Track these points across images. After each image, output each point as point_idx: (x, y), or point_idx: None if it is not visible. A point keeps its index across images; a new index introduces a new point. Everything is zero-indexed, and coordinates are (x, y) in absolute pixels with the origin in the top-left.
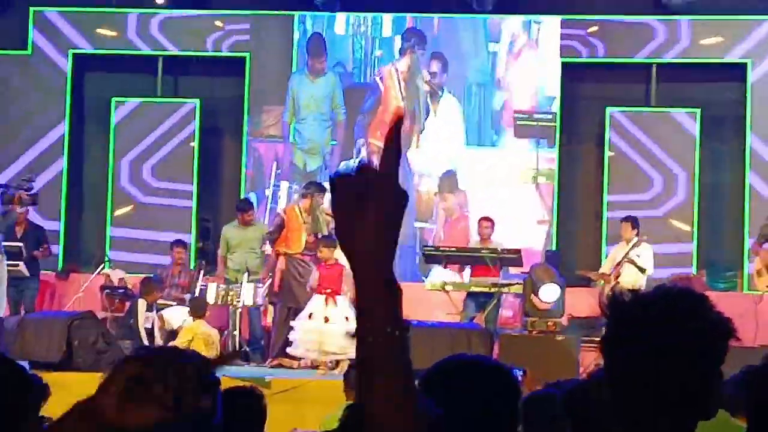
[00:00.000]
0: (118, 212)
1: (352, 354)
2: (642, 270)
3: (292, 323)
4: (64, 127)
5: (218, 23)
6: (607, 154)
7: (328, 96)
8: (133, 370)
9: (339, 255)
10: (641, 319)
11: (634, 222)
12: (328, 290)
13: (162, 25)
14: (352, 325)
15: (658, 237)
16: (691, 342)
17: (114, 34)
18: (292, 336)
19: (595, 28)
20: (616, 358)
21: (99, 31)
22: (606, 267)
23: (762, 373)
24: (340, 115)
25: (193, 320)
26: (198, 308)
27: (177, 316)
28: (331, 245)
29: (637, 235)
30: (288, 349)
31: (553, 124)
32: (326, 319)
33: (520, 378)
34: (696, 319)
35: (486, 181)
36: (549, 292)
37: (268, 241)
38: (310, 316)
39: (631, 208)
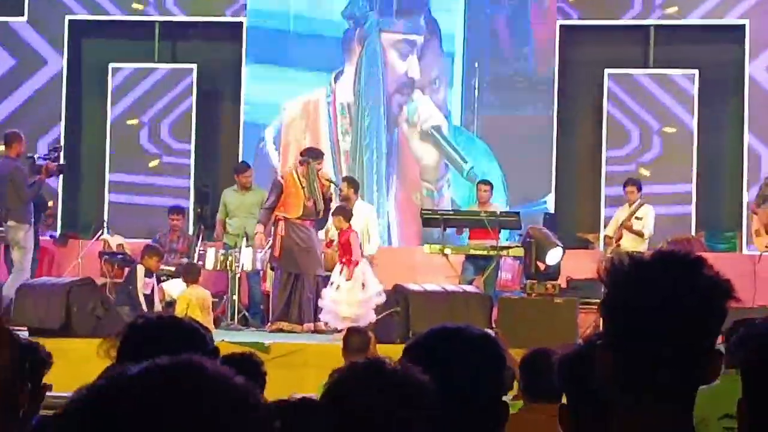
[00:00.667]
0: (116, 177)
1: (365, 319)
2: (640, 234)
3: (323, 291)
4: (61, 94)
5: None
6: (605, 115)
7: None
8: None
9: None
10: (639, 281)
11: (637, 185)
12: (343, 259)
13: None
14: (368, 291)
15: (656, 198)
16: (688, 302)
17: None
18: (320, 303)
19: None
20: (615, 320)
21: None
22: (610, 229)
23: (753, 333)
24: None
25: (187, 286)
26: (190, 273)
27: (177, 287)
28: (341, 214)
29: (640, 197)
30: (320, 316)
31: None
32: (338, 287)
33: None
34: (693, 279)
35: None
36: (554, 255)
37: (264, 211)
38: (332, 285)
39: (629, 170)
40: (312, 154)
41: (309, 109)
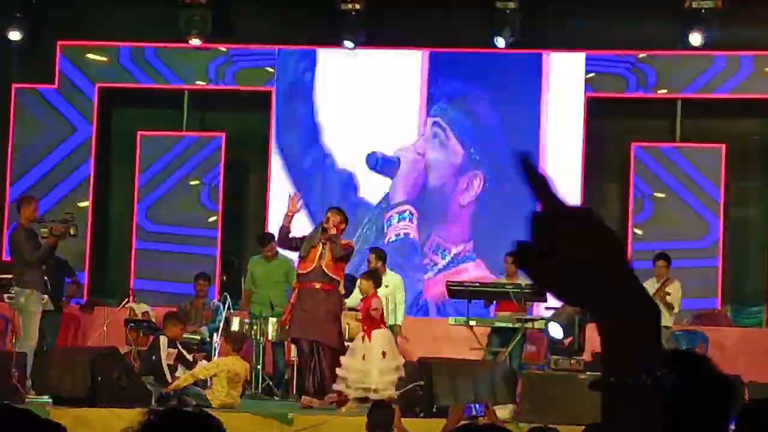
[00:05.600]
0: (143, 245)
1: (385, 392)
2: (671, 307)
3: (342, 359)
4: (90, 161)
5: (241, 56)
6: (632, 188)
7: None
8: None
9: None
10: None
11: (667, 259)
12: (364, 327)
13: (185, 59)
14: (391, 362)
15: (682, 272)
16: (695, 402)
17: (140, 67)
18: (338, 372)
19: (621, 63)
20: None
21: (124, 65)
22: None
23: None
24: None
25: (227, 354)
26: (234, 342)
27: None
28: (369, 278)
29: (669, 272)
30: (334, 385)
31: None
32: (363, 357)
33: (481, 413)
34: (699, 379)
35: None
36: (554, 329)
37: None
38: (352, 353)
39: (656, 243)
40: (330, 209)
41: None
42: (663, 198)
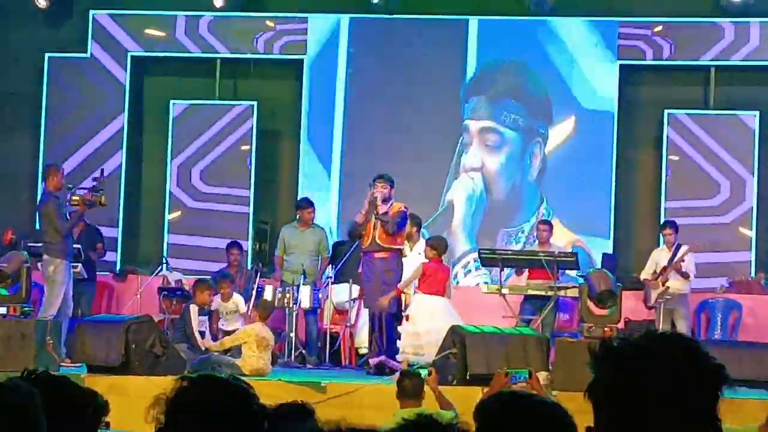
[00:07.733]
0: (175, 214)
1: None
2: (686, 276)
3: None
4: (122, 129)
5: (272, 24)
6: (665, 156)
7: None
8: None
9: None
10: (632, 363)
11: (674, 227)
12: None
13: (217, 27)
14: (417, 326)
15: (716, 240)
16: (682, 388)
17: (169, 36)
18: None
19: (658, 28)
20: (605, 404)
21: (155, 33)
22: (648, 271)
23: None
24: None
25: (254, 321)
26: (263, 309)
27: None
28: (428, 244)
29: (677, 239)
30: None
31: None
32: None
33: (524, 380)
34: (688, 363)
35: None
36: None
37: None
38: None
39: (689, 211)
40: (376, 176)
41: None
42: (696, 165)
